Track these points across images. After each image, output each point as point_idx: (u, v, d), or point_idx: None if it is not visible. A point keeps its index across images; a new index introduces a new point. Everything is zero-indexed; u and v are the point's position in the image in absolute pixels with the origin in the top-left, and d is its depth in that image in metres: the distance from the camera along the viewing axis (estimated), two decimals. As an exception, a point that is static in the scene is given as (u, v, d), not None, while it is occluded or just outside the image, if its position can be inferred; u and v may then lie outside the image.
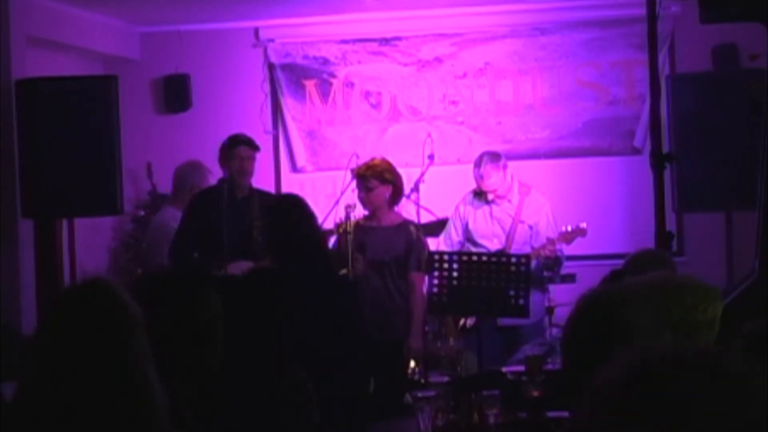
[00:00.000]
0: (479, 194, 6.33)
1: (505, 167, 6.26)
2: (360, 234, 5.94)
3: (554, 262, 6.16)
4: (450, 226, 6.42)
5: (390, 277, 5.98)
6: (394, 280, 5.98)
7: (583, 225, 6.10)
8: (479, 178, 6.23)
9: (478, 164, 6.25)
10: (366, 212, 6.07)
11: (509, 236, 6.26)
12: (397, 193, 6.03)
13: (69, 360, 2.17)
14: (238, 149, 6.23)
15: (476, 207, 6.33)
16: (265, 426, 3.39)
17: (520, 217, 6.28)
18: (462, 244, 6.34)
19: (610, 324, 2.16)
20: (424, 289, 6.01)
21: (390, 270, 5.97)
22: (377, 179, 5.95)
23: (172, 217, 6.58)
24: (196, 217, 6.30)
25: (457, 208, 6.42)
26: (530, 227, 6.27)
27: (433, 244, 6.37)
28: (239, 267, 5.99)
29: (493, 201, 6.27)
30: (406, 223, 6.07)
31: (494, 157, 6.27)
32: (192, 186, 6.77)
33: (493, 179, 6.19)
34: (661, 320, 2.24)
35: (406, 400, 4.81)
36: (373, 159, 6.14)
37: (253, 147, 6.28)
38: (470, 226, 6.33)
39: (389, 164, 6.05)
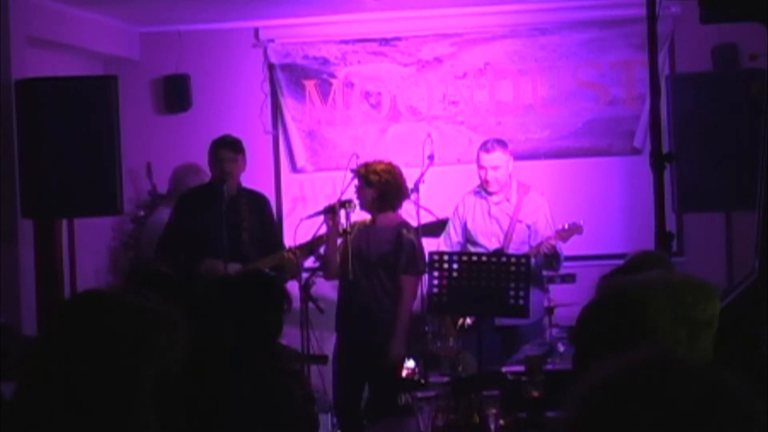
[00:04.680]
0: (479, 191, 6.35)
1: (510, 155, 6.30)
2: (354, 234, 5.97)
3: (553, 257, 6.16)
4: (449, 226, 6.44)
5: (377, 278, 5.99)
6: (382, 282, 5.99)
7: (580, 222, 6.11)
8: (484, 152, 6.25)
9: (483, 145, 6.31)
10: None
11: (507, 235, 6.27)
12: (384, 198, 6.02)
13: (66, 371, 2.15)
14: (219, 152, 6.25)
15: (476, 198, 6.34)
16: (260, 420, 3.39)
17: (518, 217, 6.29)
18: (462, 245, 6.35)
19: (627, 319, 2.17)
20: (418, 291, 6.04)
21: (377, 271, 5.99)
22: (363, 180, 6.01)
23: (167, 216, 6.60)
24: (183, 216, 6.32)
25: (456, 208, 6.44)
26: (528, 227, 6.28)
27: (433, 244, 6.38)
28: (230, 269, 6.01)
29: (492, 191, 6.27)
30: (401, 225, 6.08)
31: (501, 141, 6.34)
32: (187, 187, 6.79)
33: (497, 155, 6.22)
34: (674, 317, 2.25)
35: (402, 400, 4.81)
36: (375, 161, 6.17)
37: (236, 150, 6.28)
38: (469, 225, 6.35)
39: (384, 167, 6.05)
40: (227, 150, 6.27)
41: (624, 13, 7.37)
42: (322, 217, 6.17)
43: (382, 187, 5.99)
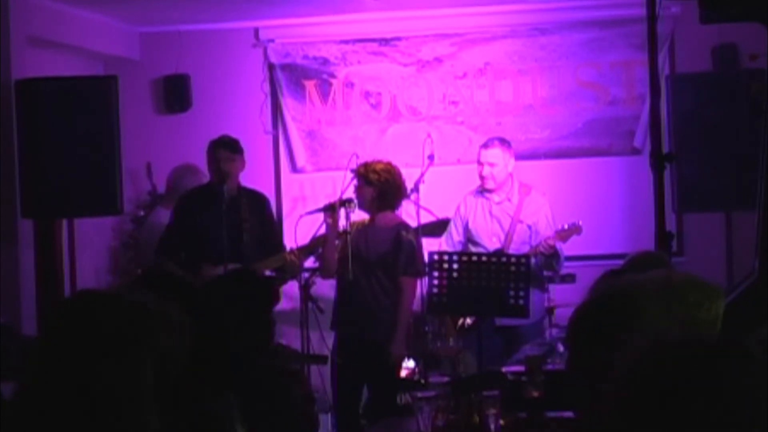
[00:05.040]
0: (480, 190, 6.36)
1: (511, 155, 6.31)
2: (353, 234, 5.98)
3: (552, 257, 6.16)
4: (451, 226, 6.44)
5: (376, 278, 5.99)
6: (381, 282, 6.00)
7: (579, 222, 6.12)
8: (483, 148, 6.26)
9: (484, 143, 6.33)
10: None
11: (508, 236, 6.27)
12: (383, 197, 6.02)
13: (65, 373, 2.15)
14: (217, 152, 6.26)
15: (478, 198, 6.35)
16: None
17: (519, 217, 6.29)
18: (463, 244, 6.35)
19: (621, 319, 2.17)
20: (417, 291, 6.04)
21: (375, 271, 5.99)
22: (363, 179, 6.01)
23: (165, 217, 6.61)
24: (183, 217, 6.32)
25: (458, 208, 6.44)
26: (529, 227, 6.28)
27: (434, 244, 6.38)
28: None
29: (489, 188, 6.27)
30: (401, 225, 6.08)
31: (503, 140, 6.35)
32: (185, 188, 6.79)
33: (496, 152, 6.23)
34: (669, 317, 2.24)
35: (402, 400, 4.82)
36: (375, 160, 6.17)
37: (234, 149, 6.29)
38: (470, 224, 6.35)
39: (384, 167, 6.05)
40: (225, 150, 6.27)
41: (624, 13, 7.37)
42: (322, 218, 6.16)
43: (382, 186, 5.99)
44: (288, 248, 6.39)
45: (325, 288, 6.68)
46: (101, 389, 2.12)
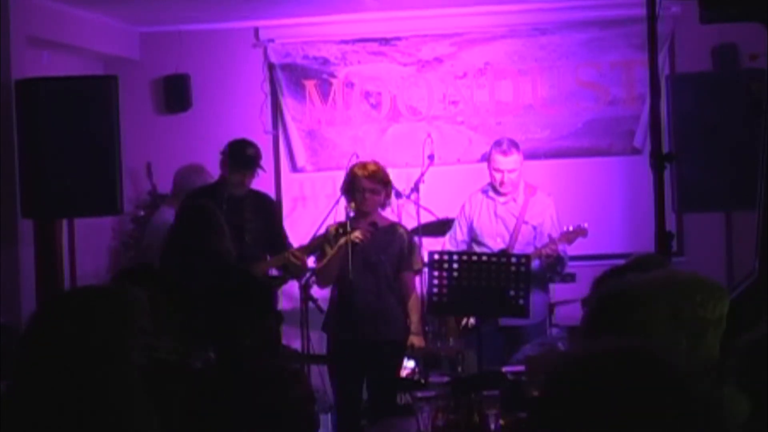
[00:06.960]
0: (486, 189, 6.34)
1: (522, 156, 6.31)
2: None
3: (556, 261, 6.15)
4: (455, 225, 6.43)
5: (384, 277, 6.00)
6: (388, 281, 6.00)
7: (585, 225, 6.11)
8: (501, 155, 6.23)
9: (498, 147, 6.27)
10: (351, 214, 6.07)
11: (513, 236, 6.26)
12: (388, 197, 6.10)
13: (51, 367, 2.17)
14: (250, 170, 6.29)
15: (484, 197, 6.32)
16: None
17: (525, 218, 6.28)
18: (467, 244, 6.34)
19: (626, 321, 2.17)
20: (422, 288, 6.04)
21: (384, 270, 6.00)
22: (380, 183, 6.01)
23: (170, 217, 6.60)
24: None
25: (462, 207, 6.43)
26: (534, 228, 6.27)
27: (433, 244, 6.38)
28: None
29: (505, 192, 6.26)
30: (396, 224, 6.14)
31: (514, 142, 6.34)
32: (190, 187, 6.78)
33: (515, 158, 6.22)
34: (676, 317, 2.24)
35: (402, 400, 4.82)
36: (373, 162, 6.15)
37: (260, 167, 6.37)
38: (475, 224, 6.34)
39: (383, 168, 6.12)
40: (255, 169, 6.34)
41: (624, 13, 7.37)
42: (322, 217, 6.17)
43: (388, 187, 6.05)
44: (291, 248, 6.41)
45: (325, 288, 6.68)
46: (82, 378, 2.15)
